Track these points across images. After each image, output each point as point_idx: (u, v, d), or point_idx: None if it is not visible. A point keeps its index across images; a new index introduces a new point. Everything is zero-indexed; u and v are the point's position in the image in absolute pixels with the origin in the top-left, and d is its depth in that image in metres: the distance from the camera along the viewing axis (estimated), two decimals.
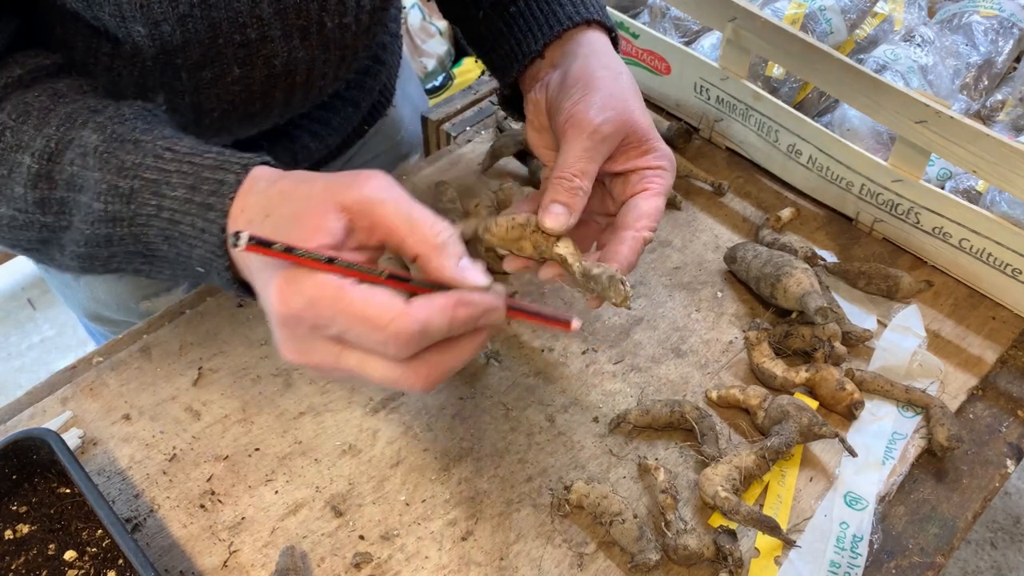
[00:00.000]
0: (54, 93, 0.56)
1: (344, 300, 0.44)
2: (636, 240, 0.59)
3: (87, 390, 0.70)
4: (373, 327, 0.44)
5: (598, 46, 0.65)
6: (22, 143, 0.54)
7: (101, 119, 0.55)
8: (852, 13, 0.88)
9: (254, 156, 0.52)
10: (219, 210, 0.50)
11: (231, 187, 0.50)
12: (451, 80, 2.21)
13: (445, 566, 0.61)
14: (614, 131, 0.59)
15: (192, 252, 0.52)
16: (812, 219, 0.86)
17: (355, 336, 0.45)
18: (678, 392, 0.71)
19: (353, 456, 0.66)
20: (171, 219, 0.52)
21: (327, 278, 0.45)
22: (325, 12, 0.64)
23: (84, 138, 0.54)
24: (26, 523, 0.60)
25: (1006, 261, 0.76)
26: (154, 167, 0.52)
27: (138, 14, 0.56)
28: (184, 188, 0.51)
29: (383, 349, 0.45)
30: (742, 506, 0.60)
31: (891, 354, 0.74)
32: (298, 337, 0.47)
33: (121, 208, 0.52)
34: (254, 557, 0.61)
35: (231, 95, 0.65)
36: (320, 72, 0.68)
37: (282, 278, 0.45)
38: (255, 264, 0.48)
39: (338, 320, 0.44)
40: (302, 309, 0.45)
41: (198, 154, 0.52)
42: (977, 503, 0.66)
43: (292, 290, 0.45)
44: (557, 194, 0.57)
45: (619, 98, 0.60)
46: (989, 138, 0.70)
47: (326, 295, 0.44)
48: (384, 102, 0.93)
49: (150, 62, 0.60)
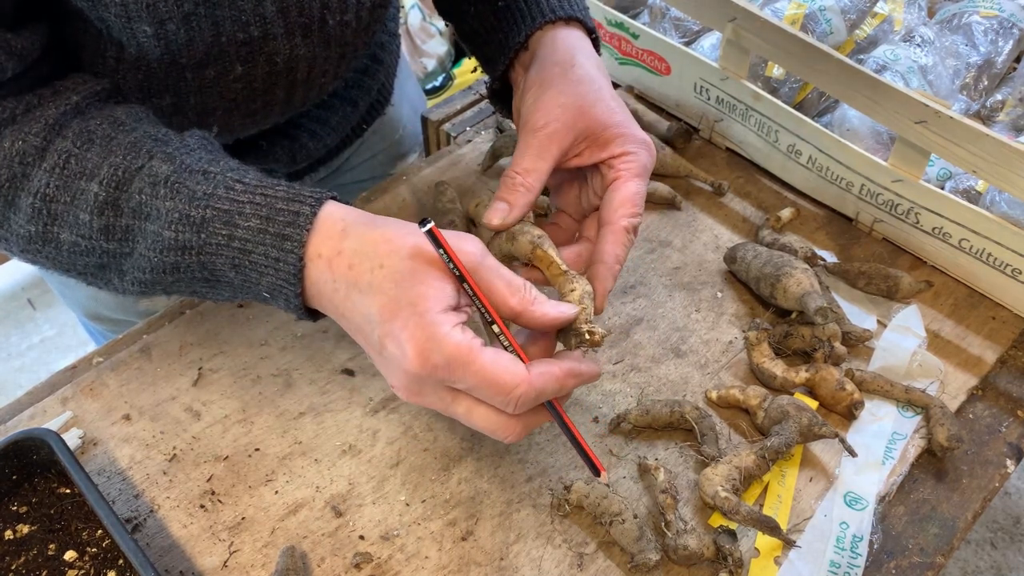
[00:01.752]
0: (114, 121, 0.57)
1: (477, 363, 0.50)
2: (617, 232, 0.60)
3: (87, 390, 0.70)
4: (499, 391, 0.50)
5: (563, 42, 0.66)
6: (86, 171, 0.55)
7: (169, 150, 0.56)
8: (852, 13, 0.88)
9: (324, 191, 0.55)
10: (296, 240, 0.53)
11: (307, 218, 0.53)
12: (451, 80, 2.21)
13: (445, 566, 0.61)
14: (562, 127, 0.60)
15: (261, 280, 0.54)
16: (812, 219, 0.86)
17: (479, 394, 0.52)
18: (678, 392, 0.71)
19: (353, 456, 0.66)
20: (242, 248, 0.54)
21: (463, 340, 0.50)
22: (327, 10, 0.64)
23: (154, 168, 0.55)
24: (26, 523, 0.60)
25: (1006, 261, 0.76)
26: (226, 198, 0.54)
27: (144, 13, 0.56)
28: (258, 219, 0.53)
29: (502, 407, 0.52)
30: (742, 506, 0.60)
31: (891, 354, 0.74)
32: (423, 384, 0.52)
33: (191, 237, 0.54)
34: (254, 557, 0.61)
35: (233, 93, 0.66)
36: (321, 69, 0.69)
37: (423, 335, 0.50)
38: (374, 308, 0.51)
39: (468, 380, 0.50)
40: (438, 367, 0.50)
41: (269, 187, 0.54)
42: (977, 503, 0.66)
43: (432, 347, 0.49)
44: (499, 191, 0.60)
45: (568, 93, 0.61)
46: (989, 138, 0.70)
47: (461, 357, 0.50)
48: (382, 101, 0.94)
49: (155, 64, 0.61)
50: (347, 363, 0.72)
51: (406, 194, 0.86)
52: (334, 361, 0.72)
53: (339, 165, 0.95)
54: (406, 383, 0.52)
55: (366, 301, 0.51)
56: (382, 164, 1.00)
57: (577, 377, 0.54)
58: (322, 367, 0.72)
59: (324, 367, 0.72)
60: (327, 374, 0.71)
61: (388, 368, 0.53)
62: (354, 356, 0.72)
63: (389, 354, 0.51)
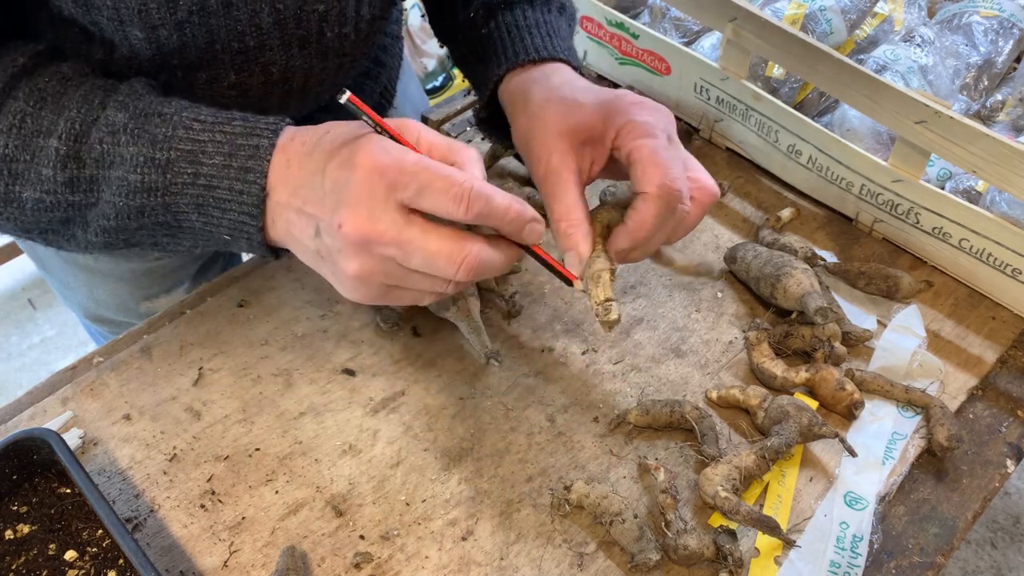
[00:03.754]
0: (62, 76, 0.58)
1: (425, 162, 0.51)
2: (646, 199, 0.57)
3: (87, 390, 0.70)
4: (451, 183, 0.50)
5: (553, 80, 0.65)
6: (42, 128, 0.56)
7: (120, 97, 0.57)
8: (852, 13, 0.88)
9: (279, 119, 0.57)
10: (258, 171, 0.54)
11: (267, 150, 0.55)
12: (451, 80, 2.21)
13: (445, 566, 0.61)
14: (559, 153, 0.59)
15: (223, 218, 0.56)
16: (812, 219, 0.86)
17: (430, 198, 0.50)
18: (678, 392, 0.71)
19: (353, 456, 0.66)
20: (207, 184, 0.55)
21: (408, 150, 0.52)
22: (325, 23, 0.64)
23: (110, 117, 0.56)
24: (26, 523, 0.60)
25: (1006, 261, 0.76)
26: (186, 138, 0.55)
27: (136, 19, 0.57)
28: (221, 156, 0.55)
29: (453, 207, 0.50)
30: (742, 506, 0.60)
31: (891, 354, 0.74)
32: (372, 198, 0.50)
33: (157, 178, 0.55)
34: (254, 557, 0.61)
35: (226, 98, 0.66)
36: (318, 79, 0.69)
37: (373, 141, 0.51)
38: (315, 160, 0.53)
39: (420, 176, 0.50)
40: (388, 165, 0.50)
41: (226, 122, 0.56)
42: (977, 503, 0.66)
43: (381, 148, 0.51)
44: (560, 243, 0.59)
45: (554, 112, 0.61)
46: (989, 138, 0.70)
47: (411, 157, 0.51)
48: (385, 104, 0.94)
49: (146, 64, 0.61)
50: (347, 363, 0.72)
51: None
52: (334, 361, 0.72)
53: None
54: (356, 204, 0.50)
55: (315, 155, 0.54)
56: None
57: (523, 205, 0.54)
58: (322, 367, 0.72)
59: (324, 367, 0.72)
60: (327, 374, 0.71)
61: (338, 205, 0.51)
62: (354, 356, 0.73)
63: (336, 180, 0.51)
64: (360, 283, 0.53)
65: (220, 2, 0.58)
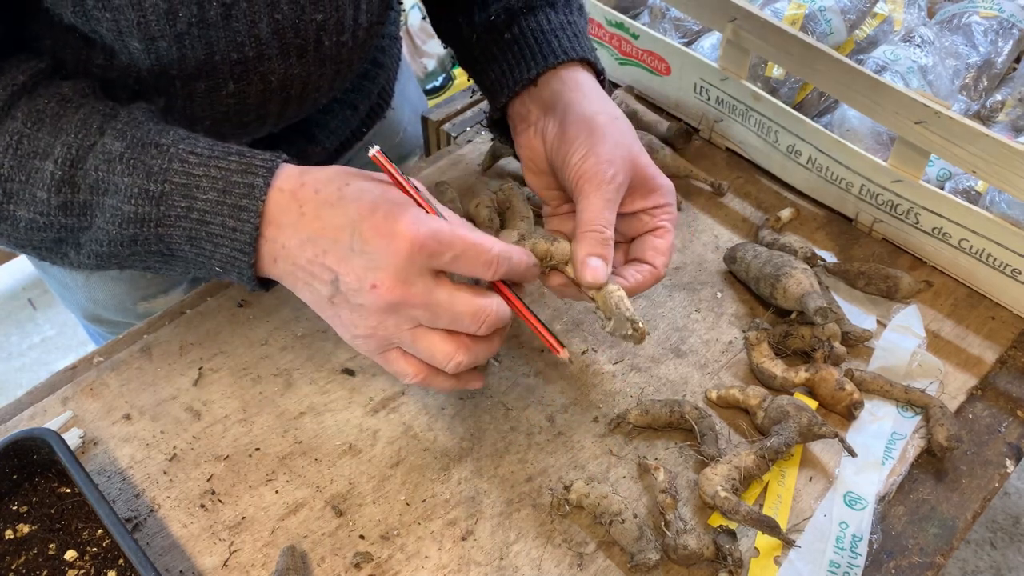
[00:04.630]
0: (62, 98, 0.57)
1: (459, 233, 0.54)
2: (653, 275, 0.64)
3: (87, 390, 0.70)
4: (480, 251, 0.55)
5: (589, 88, 0.68)
6: (39, 150, 0.56)
7: (119, 125, 0.57)
8: (852, 14, 0.88)
9: (274, 155, 0.57)
10: (252, 210, 0.55)
11: (261, 190, 0.55)
12: (451, 80, 2.21)
13: (445, 566, 0.61)
14: (625, 180, 0.62)
15: (216, 252, 0.56)
16: (812, 219, 0.86)
17: (463, 264, 0.54)
18: (678, 392, 0.71)
19: (353, 456, 0.66)
20: (200, 219, 0.55)
21: (438, 219, 0.55)
22: (323, 31, 0.64)
23: (106, 145, 0.56)
24: (26, 523, 0.60)
25: (1005, 261, 0.76)
26: (181, 171, 0.55)
27: (135, 31, 0.57)
28: (215, 192, 0.55)
29: (483, 271, 0.55)
30: (742, 506, 0.60)
31: (891, 354, 0.74)
32: (409, 268, 0.53)
33: (151, 210, 0.55)
34: (254, 557, 0.61)
35: (225, 107, 0.66)
36: (315, 86, 0.69)
37: (410, 216, 0.53)
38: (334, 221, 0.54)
39: (454, 247, 0.53)
40: (427, 241, 0.53)
41: (222, 157, 0.56)
42: (977, 503, 0.66)
43: (420, 224, 0.53)
44: (593, 247, 0.61)
45: (623, 145, 0.63)
46: (989, 138, 0.70)
47: (445, 228, 0.54)
48: (383, 104, 0.93)
49: (145, 72, 0.61)
50: (347, 363, 0.72)
51: None
52: (334, 361, 0.72)
53: None
54: (395, 271, 0.53)
55: (339, 210, 0.54)
56: None
57: (530, 256, 0.60)
58: (322, 367, 0.72)
59: (324, 367, 0.72)
60: (327, 374, 0.71)
61: (372, 267, 0.53)
62: (354, 356, 0.73)
63: (376, 246, 0.53)
64: (369, 339, 0.56)
65: (219, 13, 0.58)
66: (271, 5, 0.60)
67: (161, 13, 0.56)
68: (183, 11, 0.57)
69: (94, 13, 0.56)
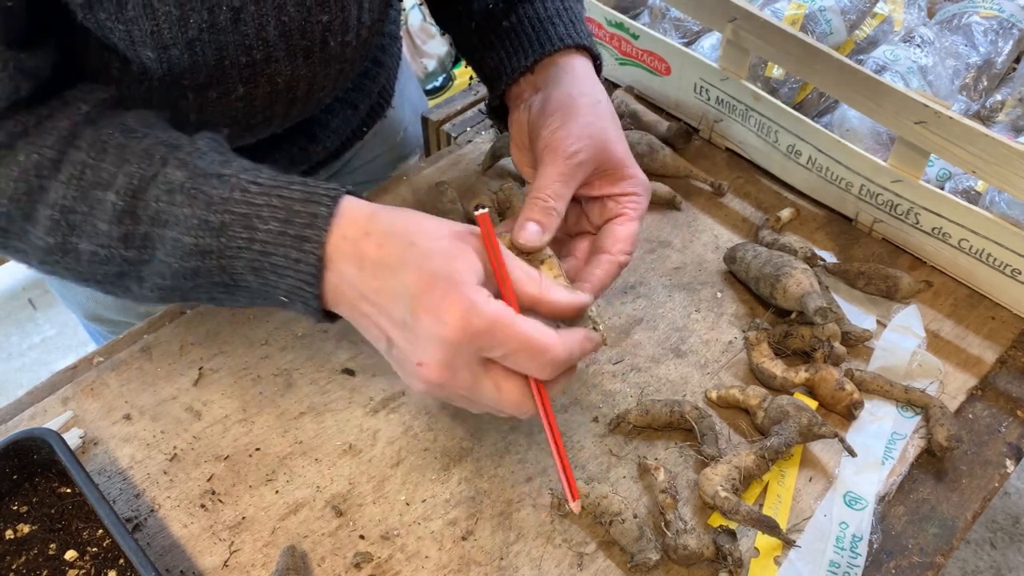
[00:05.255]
0: (125, 128, 0.57)
1: (516, 326, 0.51)
2: (612, 263, 0.63)
3: (88, 390, 0.70)
4: (536, 352, 0.52)
5: (580, 72, 0.68)
6: (102, 180, 0.55)
7: (181, 155, 0.56)
8: (852, 14, 0.88)
9: (337, 187, 0.55)
10: (315, 241, 0.53)
11: (325, 219, 0.53)
12: (451, 81, 2.21)
13: (445, 566, 0.61)
14: (589, 158, 0.62)
15: (280, 283, 0.55)
16: (812, 219, 0.86)
17: (514, 361, 0.52)
18: (678, 392, 0.71)
19: (353, 456, 0.66)
20: (263, 251, 0.54)
21: (501, 306, 0.51)
22: (328, 32, 0.65)
23: (168, 175, 0.55)
24: (27, 523, 0.60)
25: (1005, 261, 0.76)
26: (243, 201, 0.54)
27: (148, 39, 0.57)
28: (276, 221, 0.53)
29: (537, 372, 0.53)
30: (742, 506, 0.60)
31: (891, 354, 0.74)
32: (457, 356, 0.51)
33: (211, 241, 0.54)
34: (255, 557, 0.61)
35: (234, 111, 0.66)
36: (320, 86, 0.69)
37: (465, 301, 0.50)
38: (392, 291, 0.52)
39: (508, 344, 0.51)
40: (480, 332, 0.50)
41: (284, 187, 0.54)
42: (977, 503, 0.66)
43: (473, 313, 0.50)
44: (532, 213, 0.60)
45: (596, 126, 0.63)
46: (988, 138, 0.70)
47: (502, 320, 0.51)
48: (383, 104, 0.94)
49: (156, 82, 0.61)
50: (347, 363, 0.72)
51: (407, 194, 0.87)
52: (334, 361, 0.72)
53: (340, 168, 0.95)
54: (441, 356, 0.51)
55: (398, 277, 0.52)
56: (383, 166, 1.00)
57: (591, 341, 0.57)
58: (322, 367, 0.72)
59: (324, 367, 0.72)
60: (327, 374, 0.71)
61: (419, 345, 0.52)
62: (354, 356, 0.73)
63: (425, 327, 0.51)
64: (426, 394, 0.57)
65: (229, 18, 0.58)
66: (278, 8, 0.60)
67: (173, 20, 0.56)
68: (194, 17, 0.57)
69: (107, 25, 0.56)
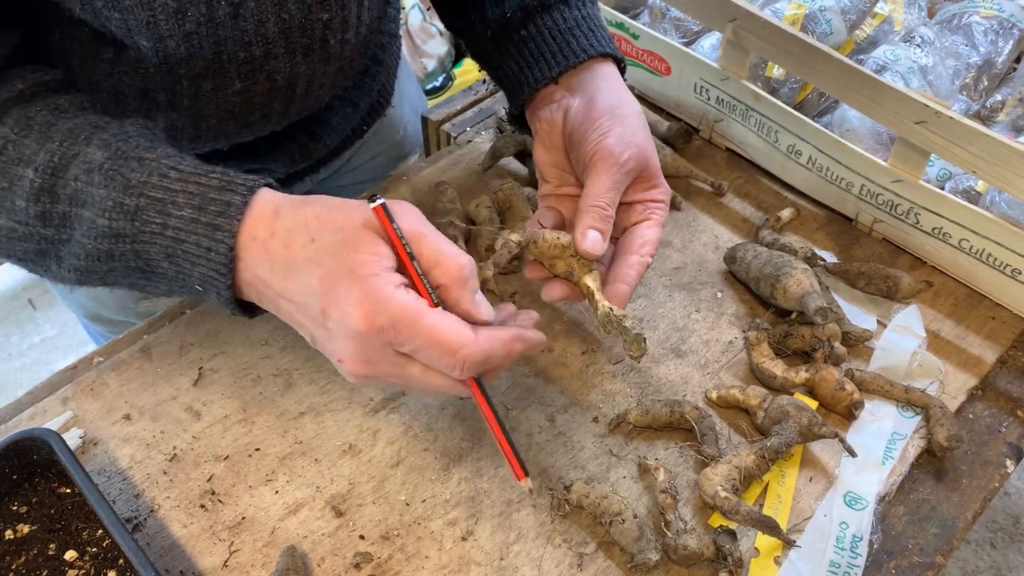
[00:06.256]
0: (55, 108, 0.57)
1: (422, 323, 0.49)
2: (641, 264, 0.63)
3: (88, 390, 0.70)
4: (445, 352, 0.50)
5: (614, 79, 0.69)
6: (24, 157, 0.55)
7: (105, 136, 0.55)
8: (852, 14, 0.88)
9: (257, 178, 0.54)
10: (227, 230, 0.52)
11: (238, 208, 0.52)
12: (451, 80, 2.21)
13: (445, 566, 0.61)
14: (636, 166, 0.63)
15: (193, 270, 0.54)
16: (812, 219, 0.86)
17: (425, 357, 0.51)
18: (678, 392, 0.71)
19: (353, 456, 0.66)
20: (175, 237, 0.53)
21: (408, 300, 0.50)
22: (329, 30, 0.64)
23: (89, 154, 0.54)
24: (26, 523, 0.60)
25: (1005, 261, 0.76)
26: (160, 186, 0.53)
27: (144, 30, 0.57)
28: (190, 208, 0.53)
29: (448, 371, 0.51)
30: (742, 506, 0.60)
31: (891, 354, 0.74)
32: (370, 350, 0.51)
33: (125, 225, 0.53)
34: (254, 557, 0.61)
35: (231, 105, 0.66)
36: (319, 83, 0.69)
37: (366, 297, 0.49)
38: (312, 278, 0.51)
39: (414, 340, 0.50)
40: (384, 328, 0.49)
41: (203, 174, 0.54)
42: (977, 503, 0.66)
43: (377, 308, 0.49)
44: (594, 222, 0.61)
45: (640, 135, 0.65)
46: (989, 138, 0.70)
47: (407, 316, 0.49)
48: (383, 102, 0.94)
49: (152, 69, 0.61)
50: None
51: (406, 194, 0.87)
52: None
53: (340, 166, 0.95)
54: (354, 351, 0.51)
55: (304, 275, 0.51)
56: (383, 165, 1.00)
57: (523, 342, 0.54)
58: (322, 367, 0.72)
59: (324, 367, 0.72)
60: (327, 374, 0.71)
61: (334, 341, 0.52)
62: None
63: (334, 324, 0.51)
64: (361, 384, 0.56)
65: (228, 13, 0.58)
66: (279, 5, 0.60)
67: (171, 13, 0.56)
68: (192, 10, 0.57)
69: (103, 12, 0.56)
